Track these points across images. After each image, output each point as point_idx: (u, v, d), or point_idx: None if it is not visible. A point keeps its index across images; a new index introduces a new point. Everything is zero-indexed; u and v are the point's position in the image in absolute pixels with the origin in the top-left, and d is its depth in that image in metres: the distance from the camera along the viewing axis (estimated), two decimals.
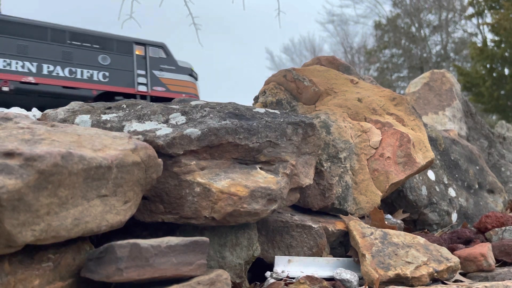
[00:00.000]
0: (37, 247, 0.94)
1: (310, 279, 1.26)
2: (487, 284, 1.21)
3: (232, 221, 1.26)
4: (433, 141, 2.49)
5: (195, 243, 1.02)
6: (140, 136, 1.22)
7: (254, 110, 1.48)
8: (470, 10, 15.89)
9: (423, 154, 1.94)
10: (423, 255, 1.39)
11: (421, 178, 2.21)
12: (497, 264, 1.59)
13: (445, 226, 2.26)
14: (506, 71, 13.43)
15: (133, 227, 1.33)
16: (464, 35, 20.23)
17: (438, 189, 2.30)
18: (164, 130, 1.25)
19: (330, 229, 1.59)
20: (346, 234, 1.63)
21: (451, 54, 20.93)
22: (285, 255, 1.48)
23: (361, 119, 2.00)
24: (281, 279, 1.36)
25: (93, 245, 1.09)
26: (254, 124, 1.37)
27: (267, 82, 2.18)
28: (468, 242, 1.86)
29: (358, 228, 1.52)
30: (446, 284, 1.34)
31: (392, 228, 1.60)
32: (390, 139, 1.91)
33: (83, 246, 1.04)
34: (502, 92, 13.38)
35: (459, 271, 1.49)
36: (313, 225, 1.54)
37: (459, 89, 4.22)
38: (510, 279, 1.37)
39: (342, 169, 1.82)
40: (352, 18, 33.95)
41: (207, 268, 1.09)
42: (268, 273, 1.40)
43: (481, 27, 17.11)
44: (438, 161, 2.45)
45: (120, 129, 1.28)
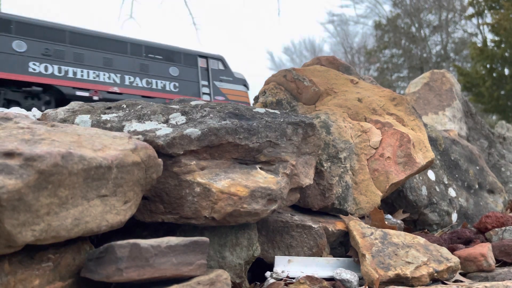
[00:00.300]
0: (37, 247, 0.94)
1: (310, 279, 1.26)
2: (487, 284, 1.21)
3: (232, 221, 1.26)
4: (433, 141, 2.49)
5: (195, 243, 1.02)
6: (140, 136, 1.22)
7: (254, 110, 1.48)
8: (470, 10, 15.89)
9: (423, 154, 1.94)
10: (423, 255, 1.39)
11: (421, 178, 2.21)
12: (497, 264, 1.59)
13: (445, 226, 2.26)
14: (506, 71, 13.44)
15: (133, 227, 1.33)
16: (464, 35, 20.25)
17: (438, 189, 2.30)
18: (164, 130, 1.25)
19: (330, 229, 1.59)
20: (346, 234, 1.63)
21: (451, 54, 20.94)
22: (285, 255, 1.48)
23: (361, 119, 2.00)
24: (281, 279, 1.36)
25: (93, 245, 1.09)
26: (254, 124, 1.37)
27: (267, 82, 2.18)
28: (468, 242, 1.86)
29: (358, 228, 1.52)
30: (446, 284, 1.33)
31: (392, 228, 1.60)
32: (390, 139, 1.91)
33: (83, 246, 1.04)
34: (502, 92, 13.39)
35: (459, 271, 1.49)
36: (313, 225, 1.54)
37: (459, 89, 4.22)
38: (510, 279, 1.37)
39: (342, 169, 1.81)
40: (352, 18, 33.96)
41: (207, 268, 1.09)
42: (268, 273, 1.40)
43: (481, 27, 17.12)
44: (438, 161, 2.45)
45: (120, 129, 1.28)
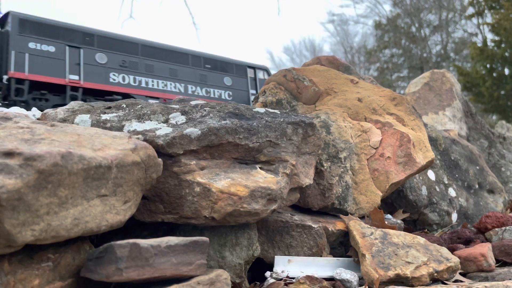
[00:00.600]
0: (37, 247, 0.94)
1: (310, 279, 1.26)
2: (487, 284, 1.21)
3: (232, 221, 1.26)
4: (433, 141, 2.49)
5: (195, 243, 1.02)
6: (140, 136, 1.22)
7: (254, 110, 1.48)
8: (470, 10, 15.90)
9: (423, 154, 1.94)
10: (423, 255, 1.39)
11: (421, 178, 2.21)
12: (497, 264, 1.59)
13: (445, 226, 2.26)
14: (506, 71, 13.45)
15: (133, 227, 1.33)
16: (464, 35, 20.25)
17: (438, 189, 2.30)
18: (164, 130, 1.25)
19: (330, 229, 1.59)
20: (346, 234, 1.63)
21: (451, 54, 20.95)
22: (285, 255, 1.48)
23: (361, 119, 2.00)
24: (281, 279, 1.36)
25: (93, 245, 1.08)
26: (254, 124, 1.37)
27: (267, 82, 2.18)
28: (468, 242, 1.86)
29: (358, 228, 1.52)
30: (446, 284, 1.33)
31: (392, 228, 1.60)
32: (390, 139, 1.91)
33: (83, 246, 1.04)
34: (502, 92, 13.40)
35: (459, 271, 1.49)
36: (313, 225, 1.54)
37: (459, 89, 4.22)
38: (510, 279, 1.37)
39: (342, 169, 1.81)
40: (352, 18, 33.99)
41: (207, 268, 1.09)
42: (268, 273, 1.39)
43: (481, 27, 17.13)
44: (438, 161, 2.45)
45: (120, 129, 1.28)
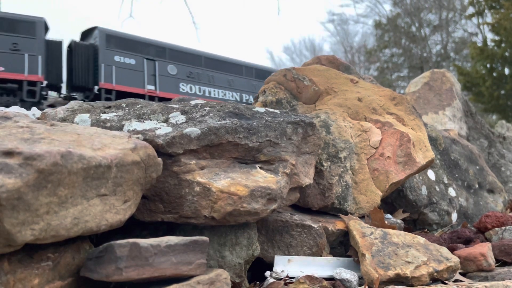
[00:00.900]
0: (37, 246, 0.94)
1: (310, 279, 1.26)
2: (487, 284, 1.21)
3: (232, 221, 1.26)
4: (433, 141, 2.49)
5: (195, 243, 1.02)
6: (140, 135, 1.22)
7: (254, 110, 1.47)
8: (471, 10, 15.90)
9: (423, 154, 1.94)
10: (423, 255, 1.39)
11: (421, 178, 2.21)
12: (497, 264, 1.59)
13: (445, 226, 2.26)
14: (506, 71, 13.44)
15: (133, 227, 1.32)
16: (464, 35, 20.25)
17: (438, 189, 2.30)
18: (164, 129, 1.25)
19: (330, 229, 1.59)
20: (346, 234, 1.63)
21: (451, 54, 20.94)
22: (285, 255, 1.48)
23: (361, 119, 2.00)
24: (281, 279, 1.36)
25: (93, 245, 1.08)
26: (254, 124, 1.37)
27: (267, 82, 2.18)
28: (468, 242, 1.86)
29: (358, 228, 1.52)
30: (446, 284, 1.33)
31: (392, 228, 1.60)
32: (390, 139, 1.91)
33: (83, 246, 1.04)
34: (502, 92, 13.40)
35: (459, 271, 1.49)
36: (313, 225, 1.54)
37: (459, 89, 4.22)
38: (510, 279, 1.37)
39: (342, 169, 1.81)
40: (352, 18, 33.97)
41: (207, 268, 1.09)
42: (268, 273, 1.39)
43: (482, 27, 17.12)
44: (438, 161, 2.45)
45: (120, 128, 1.28)
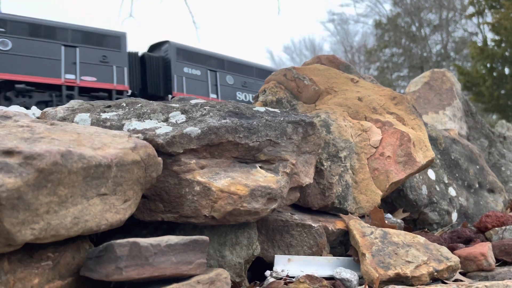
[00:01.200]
0: (37, 246, 0.94)
1: (310, 278, 1.26)
2: (487, 284, 1.21)
3: (232, 220, 1.26)
4: (434, 141, 2.48)
5: (195, 242, 1.02)
6: (140, 135, 1.22)
7: (254, 109, 1.47)
8: (471, 10, 15.89)
9: (424, 154, 1.94)
10: (423, 255, 1.39)
11: (421, 178, 2.21)
12: (497, 264, 1.59)
13: (445, 226, 2.26)
14: (507, 71, 13.44)
15: (133, 226, 1.32)
16: (465, 35, 20.24)
17: (438, 189, 2.29)
18: (164, 129, 1.25)
19: (330, 228, 1.59)
20: (346, 233, 1.63)
21: (452, 54, 20.94)
22: (285, 254, 1.48)
23: (361, 118, 2.00)
24: (281, 278, 1.36)
25: (93, 244, 1.08)
26: (254, 123, 1.36)
27: (267, 81, 2.18)
28: (468, 242, 1.86)
29: (358, 227, 1.52)
30: (446, 284, 1.33)
31: (392, 228, 1.60)
32: (391, 138, 1.91)
33: (83, 245, 1.04)
34: (503, 92, 13.39)
35: (459, 271, 1.49)
36: (313, 224, 1.54)
37: (460, 89, 4.21)
38: (510, 279, 1.37)
39: (342, 168, 1.81)
40: (353, 17, 33.95)
41: (207, 267, 1.09)
42: (268, 272, 1.39)
43: (482, 27, 17.12)
44: (439, 161, 2.45)
45: (120, 128, 1.28)
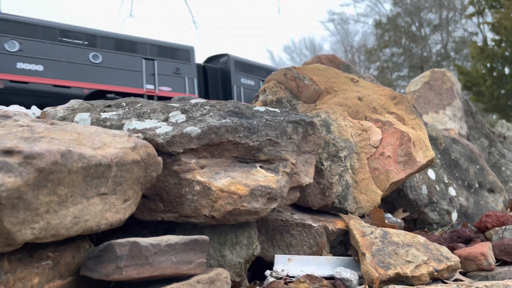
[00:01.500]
0: (37, 245, 0.94)
1: (310, 278, 1.26)
2: (487, 283, 1.21)
3: (232, 220, 1.26)
4: (434, 140, 2.48)
5: (195, 242, 1.02)
6: (140, 135, 1.22)
7: (254, 109, 1.47)
8: (471, 9, 15.89)
9: (424, 153, 1.94)
10: (423, 254, 1.39)
11: (421, 177, 2.21)
12: (497, 264, 1.59)
13: (445, 225, 2.26)
14: (507, 71, 13.44)
15: (133, 226, 1.32)
16: (465, 34, 20.24)
17: (438, 188, 2.29)
18: (164, 129, 1.25)
19: (330, 228, 1.59)
20: (346, 233, 1.63)
21: (452, 53, 20.93)
22: (285, 254, 1.48)
23: (362, 118, 2.00)
24: (281, 278, 1.36)
25: (93, 244, 1.08)
26: (254, 123, 1.36)
27: (267, 81, 2.18)
28: (468, 241, 1.86)
29: (358, 227, 1.52)
30: (446, 283, 1.33)
31: (392, 227, 1.60)
32: (391, 138, 1.91)
33: (83, 245, 1.04)
34: (503, 92, 13.39)
35: (459, 270, 1.49)
36: (313, 224, 1.54)
37: (460, 88, 4.21)
38: (510, 278, 1.37)
39: (342, 168, 1.81)
40: (353, 17, 33.92)
41: (207, 267, 1.09)
42: (268, 272, 1.39)
43: (482, 26, 17.11)
44: (439, 160, 2.45)
45: (120, 127, 1.28)
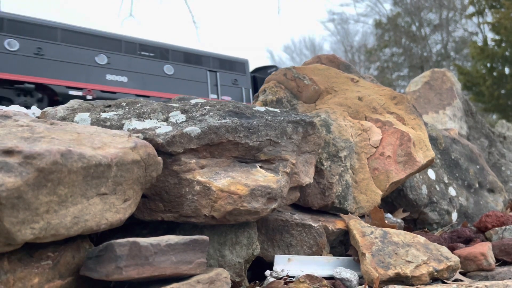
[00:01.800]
0: (37, 245, 0.94)
1: (310, 278, 1.26)
2: (487, 283, 1.21)
3: (232, 220, 1.26)
4: (434, 140, 2.49)
5: (195, 242, 1.02)
6: (140, 135, 1.22)
7: (254, 109, 1.47)
8: (471, 9, 15.89)
9: (424, 153, 1.94)
10: (423, 254, 1.39)
11: (422, 177, 2.21)
12: (497, 264, 1.59)
13: (445, 225, 2.26)
14: (507, 71, 13.43)
15: (133, 226, 1.32)
16: (465, 34, 20.23)
17: (438, 188, 2.29)
18: (164, 129, 1.25)
19: (330, 228, 1.59)
20: (346, 233, 1.63)
21: (452, 53, 20.93)
22: (285, 254, 1.48)
23: (362, 118, 1.99)
24: (281, 278, 1.36)
25: (93, 244, 1.08)
26: (254, 123, 1.36)
27: (267, 81, 2.18)
28: (468, 241, 1.86)
29: (358, 227, 1.52)
30: (446, 283, 1.33)
31: (392, 227, 1.60)
32: (391, 138, 1.91)
33: (83, 245, 1.04)
34: (503, 92, 13.39)
35: (459, 270, 1.49)
36: (313, 224, 1.54)
37: (460, 88, 4.21)
38: (510, 279, 1.37)
39: (342, 168, 1.81)
40: (353, 17, 33.94)
41: (207, 267, 1.09)
42: (268, 272, 1.39)
43: (482, 26, 17.11)
44: (439, 160, 2.45)
45: (120, 127, 1.28)
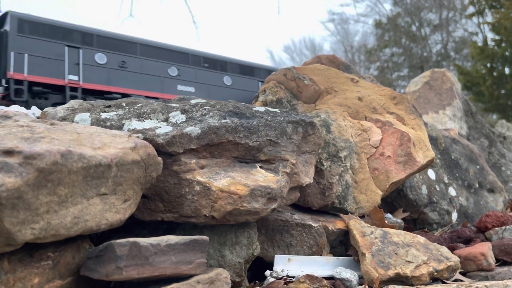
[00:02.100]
0: (37, 246, 0.94)
1: (310, 278, 1.26)
2: (487, 284, 1.21)
3: (232, 220, 1.26)
4: (434, 140, 2.49)
5: (195, 242, 1.02)
6: (140, 135, 1.22)
7: (254, 109, 1.47)
8: (471, 9, 15.89)
9: (424, 153, 1.94)
10: (423, 254, 1.39)
11: (421, 177, 2.21)
12: (497, 264, 1.59)
13: (445, 225, 2.26)
14: (507, 71, 13.43)
15: (133, 226, 1.32)
16: (465, 34, 20.23)
17: (438, 188, 2.29)
18: (164, 129, 1.25)
19: (330, 228, 1.59)
20: (346, 233, 1.63)
21: (452, 53, 20.93)
22: (285, 254, 1.48)
23: (362, 118, 2.00)
24: (281, 278, 1.36)
25: (93, 244, 1.08)
26: (254, 123, 1.36)
27: (267, 81, 2.18)
28: (468, 242, 1.86)
29: (358, 227, 1.52)
30: (446, 284, 1.33)
31: (392, 227, 1.60)
32: (391, 138, 1.91)
33: (83, 245, 1.04)
34: (503, 92, 13.39)
35: (459, 271, 1.49)
36: (313, 224, 1.54)
37: (460, 88, 4.21)
38: (510, 279, 1.37)
39: (342, 168, 1.81)
40: (353, 17, 33.95)
41: (207, 267, 1.09)
42: (268, 272, 1.39)
43: (482, 26, 17.11)
44: (439, 160, 2.45)
45: (120, 128, 1.28)
